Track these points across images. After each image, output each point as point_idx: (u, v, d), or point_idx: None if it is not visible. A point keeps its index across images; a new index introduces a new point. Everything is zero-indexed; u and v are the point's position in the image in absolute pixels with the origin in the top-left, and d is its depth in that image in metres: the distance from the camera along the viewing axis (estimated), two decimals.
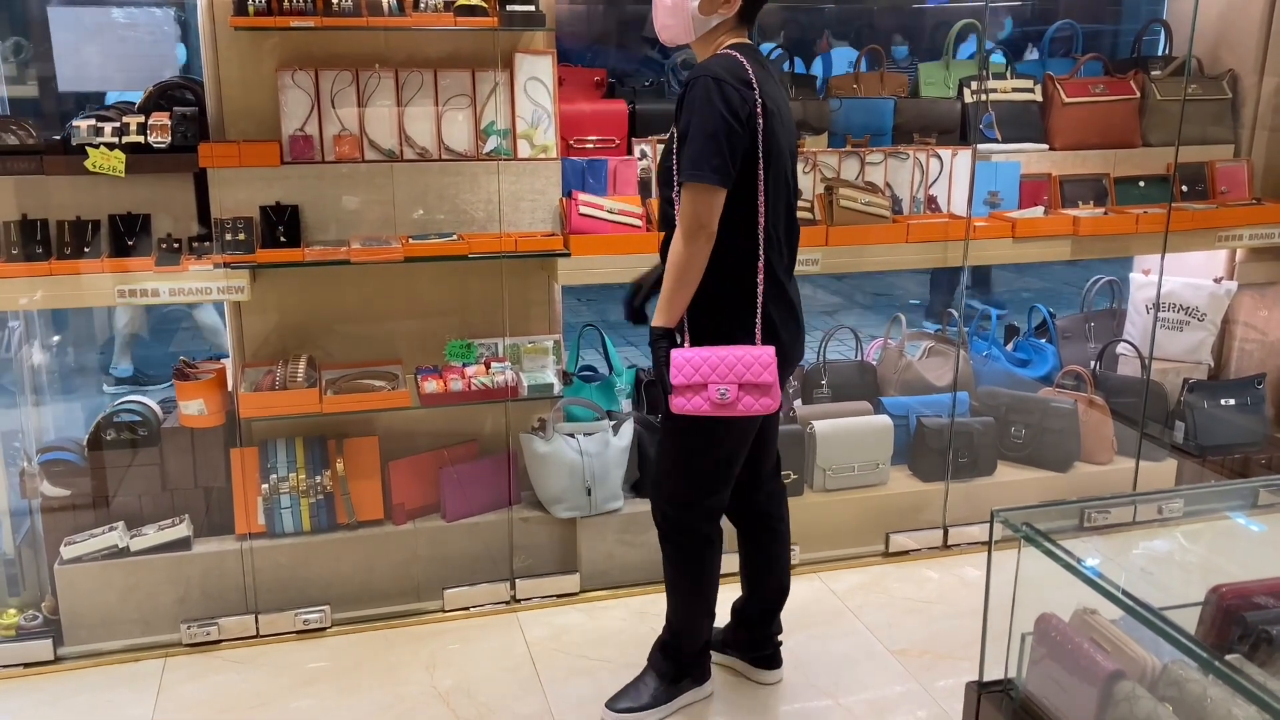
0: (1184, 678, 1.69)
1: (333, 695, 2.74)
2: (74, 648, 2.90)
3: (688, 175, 2.19)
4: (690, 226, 2.22)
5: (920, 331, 3.95)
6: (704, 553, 2.56)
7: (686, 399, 2.28)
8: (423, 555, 3.11)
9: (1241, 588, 1.86)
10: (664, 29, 2.36)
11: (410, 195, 3.02)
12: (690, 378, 2.27)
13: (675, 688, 2.64)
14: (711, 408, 2.28)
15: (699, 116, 2.18)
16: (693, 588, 2.58)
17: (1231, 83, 3.85)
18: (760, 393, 2.29)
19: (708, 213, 2.21)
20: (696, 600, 2.60)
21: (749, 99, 2.21)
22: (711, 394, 2.27)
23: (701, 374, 2.27)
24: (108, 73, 3.04)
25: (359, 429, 3.10)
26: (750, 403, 2.29)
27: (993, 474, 3.62)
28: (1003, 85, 3.70)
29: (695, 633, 2.64)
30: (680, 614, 2.62)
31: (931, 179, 3.56)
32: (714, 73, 2.20)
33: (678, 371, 2.27)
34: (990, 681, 2.01)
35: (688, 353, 2.29)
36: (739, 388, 2.27)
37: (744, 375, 2.27)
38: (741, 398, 2.28)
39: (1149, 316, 3.81)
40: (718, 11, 2.28)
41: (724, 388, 2.26)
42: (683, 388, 2.28)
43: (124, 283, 2.83)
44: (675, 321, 2.31)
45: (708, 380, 2.27)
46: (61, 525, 2.96)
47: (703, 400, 2.28)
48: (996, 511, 1.95)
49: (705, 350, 2.29)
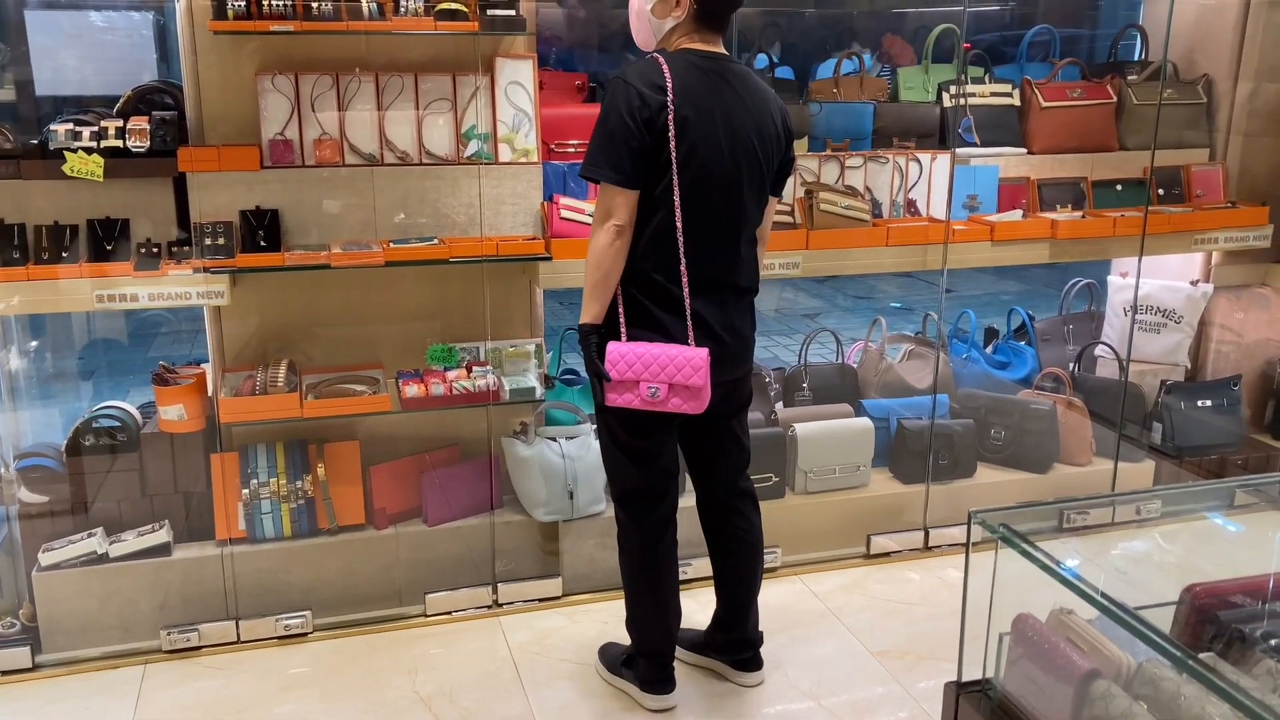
0: (1159, 676, 1.70)
1: (314, 701, 2.74)
2: (52, 655, 2.88)
3: (583, 170, 2.34)
4: (599, 218, 2.34)
5: (900, 334, 3.97)
6: (639, 555, 2.59)
7: (618, 394, 2.36)
8: (404, 560, 3.11)
9: (1215, 587, 1.88)
10: (636, 34, 2.44)
11: (391, 199, 3.02)
12: (624, 373, 2.34)
13: (619, 668, 2.72)
14: (641, 404, 2.35)
15: (602, 115, 2.30)
16: (636, 584, 2.63)
17: (1206, 87, 3.89)
18: (690, 395, 2.35)
19: (611, 207, 2.31)
20: (637, 601, 2.64)
21: (652, 103, 2.26)
22: (643, 391, 2.33)
23: (634, 370, 2.33)
24: (85, 76, 3.03)
25: (340, 433, 3.09)
26: (679, 403, 2.36)
27: (973, 476, 3.64)
28: (981, 90, 3.73)
29: (643, 634, 2.66)
30: (631, 610, 2.66)
31: (911, 183, 3.58)
32: (626, 75, 2.30)
33: (612, 366, 2.34)
34: (969, 682, 2.02)
35: (623, 348, 2.35)
36: (669, 387, 2.33)
37: (675, 376, 2.33)
38: (670, 398, 2.34)
39: (1127, 319, 3.84)
40: (670, 15, 2.34)
41: (655, 386, 2.33)
42: (615, 382, 2.34)
43: (103, 288, 2.81)
44: (597, 318, 2.38)
45: (640, 377, 2.33)
46: (40, 531, 2.94)
47: (633, 396, 2.35)
48: (974, 513, 1.97)
49: (640, 346, 2.35)
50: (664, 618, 2.64)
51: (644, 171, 2.30)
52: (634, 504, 2.56)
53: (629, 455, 2.52)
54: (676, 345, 2.36)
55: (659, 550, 2.59)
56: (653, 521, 2.57)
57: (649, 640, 2.66)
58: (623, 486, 2.57)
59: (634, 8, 2.41)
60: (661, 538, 2.58)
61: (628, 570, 2.64)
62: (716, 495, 2.69)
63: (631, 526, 2.58)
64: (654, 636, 2.66)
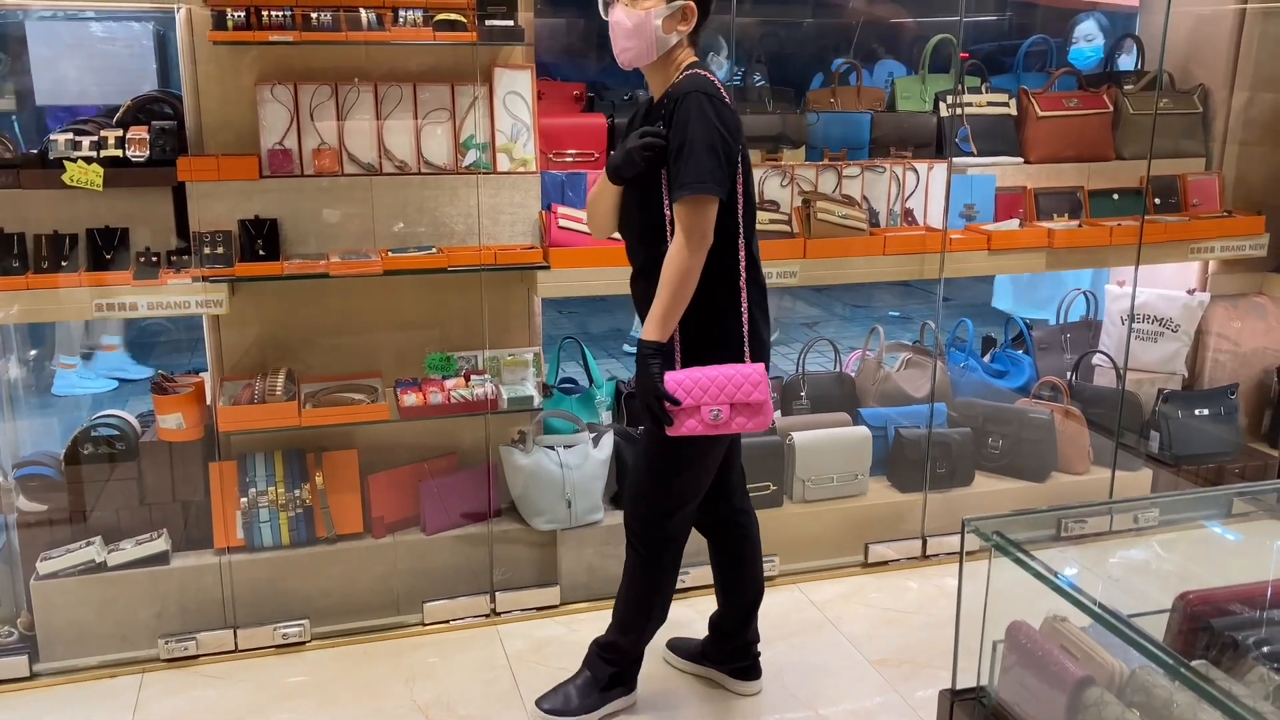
0: (1151, 684, 1.71)
1: (312, 710, 2.74)
2: (50, 664, 2.88)
3: (693, 189, 2.22)
4: (695, 237, 2.26)
5: (898, 343, 3.98)
6: (674, 559, 2.61)
7: (681, 422, 2.31)
8: (402, 569, 3.11)
9: (1209, 594, 1.88)
10: (624, 51, 2.35)
11: (390, 209, 3.03)
12: (683, 400, 2.29)
13: (605, 695, 2.68)
14: (705, 428, 2.30)
15: (698, 131, 2.23)
16: (656, 593, 2.62)
17: (1202, 97, 3.91)
18: (753, 412, 2.32)
19: (710, 223, 2.27)
20: (657, 606, 2.64)
21: (735, 115, 2.30)
22: (705, 415, 2.29)
23: (694, 396, 2.29)
24: (85, 86, 3.05)
25: (338, 442, 3.10)
26: (743, 422, 2.32)
27: (970, 484, 3.64)
28: (978, 99, 3.74)
29: (644, 639, 2.68)
30: (638, 621, 2.65)
31: (908, 192, 3.59)
32: (705, 89, 2.26)
33: (673, 394, 2.30)
34: (963, 689, 2.03)
35: (679, 375, 2.31)
36: (731, 408, 2.29)
37: (735, 395, 2.30)
38: (734, 418, 2.31)
39: (1124, 328, 3.85)
40: (678, 29, 2.32)
41: (717, 409, 2.28)
42: (675, 411, 2.30)
43: (102, 296, 2.83)
44: (668, 335, 2.32)
45: (700, 402, 2.29)
46: (38, 540, 2.94)
47: (696, 422, 2.30)
48: (968, 520, 1.97)
49: (696, 371, 2.31)
50: (665, 619, 2.69)
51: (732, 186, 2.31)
52: (684, 523, 2.57)
53: (694, 478, 2.50)
54: (732, 365, 2.34)
55: (682, 550, 2.64)
56: (690, 524, 2.61)
57: (641, 646, 2.68)
58: (681, 507, 2.53)
59: (633, 23, 2.31)
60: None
61: (659, 584, 2.61)
62: (732, 500, 2.70)
63: (676, 546, 2.58)
64: (647, 641, 2.69)
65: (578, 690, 2.66)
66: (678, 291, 2.27)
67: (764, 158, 3.51)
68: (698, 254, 2.26)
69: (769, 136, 3.58)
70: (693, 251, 2.26)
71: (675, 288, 2.27)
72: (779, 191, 3.44)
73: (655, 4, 2.28)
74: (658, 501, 2.53)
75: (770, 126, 3.59)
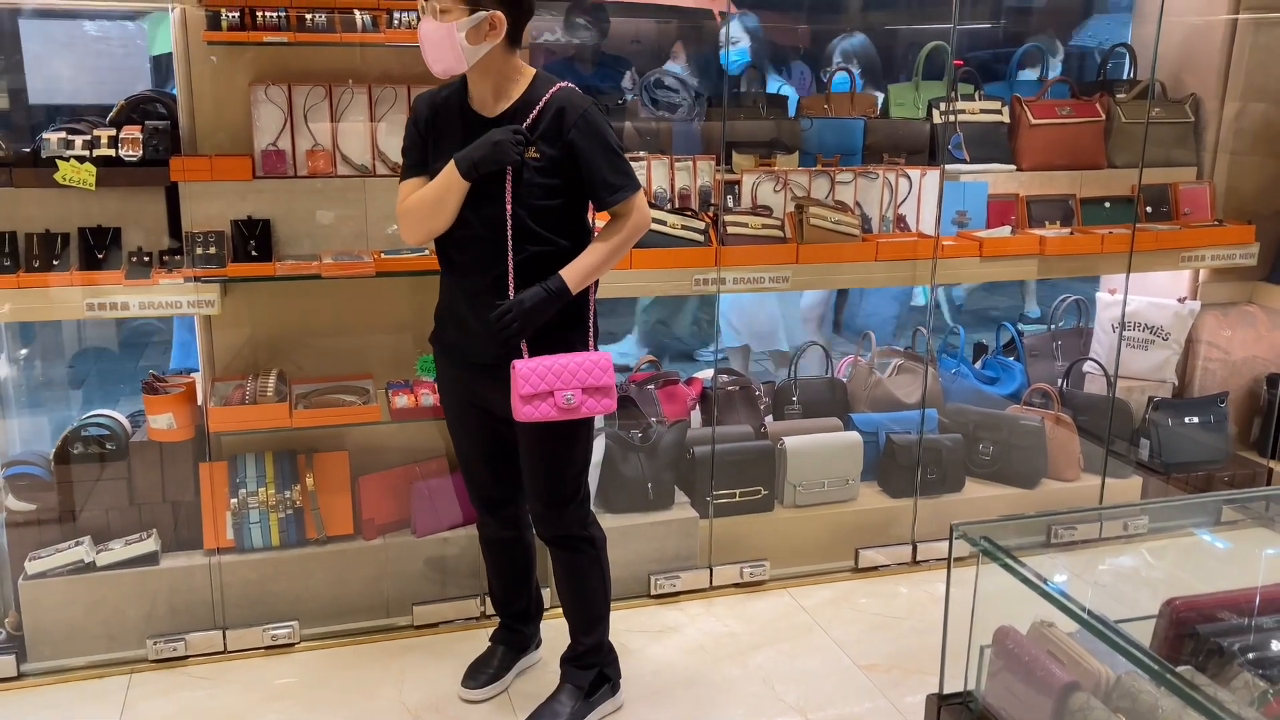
0: (1137, 689, 1.71)
1: (301, 711, 2.73)
2: (38, 664, 2.87)
3: (634, 187, 2.43)
4: (643, 226, 2.46)
5: (890, 349, 3.99)
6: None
7: (534, 407, 2.39)
8: (393, 570, 3.11)
9: (1195, 601, 1.89)
10: (435, 63, 2.35)
11: (383, 210, 3.03)
12: (537, 386, 2.38)
13: (589, 703, 2.69)
14: (559, 413, 2.40)
15: (611, 139, 2.40)
16: (608, 573, 2.71)
17: (1194, 106, 3.93)
18: (603, 394, 2.44)
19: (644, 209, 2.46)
20: (608, 603, 2.72)
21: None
22: (559, 400, 2.39)
23: (546, 382, 2.38)
24: (79, 85, 3.05)
25: (329, 444, 3.10)
26: (593, 405, 2.43)
27: (961, 490, 3.65)
28: (970, 106, 3.75)
29: (608, 631, 2.74)
30: (603, 609, 2.70)
31: (900, 198, 3.60)
32: (592, 103, 2.41)
33: (524, 382, 2.38)
34: (950, 694, 2.03)
35: (530, 363, 2.39)
36: (583, 391, 2.41)
37: (586, 380, 2.41)
38: (585, 401, 2.41)
39: (1115, 335, 3.87)
40: (485, 40, 2.31)
41: (569, 393, 2.39)
42: (529, 396, 2.38)
43: (93, 296, 2.82)
44: (575, 292, 2.41)
45: (553, 388, 2.39)
46: (27, 540, 2.93)
47: (549, 407, 2.39)
48: (956, 526, 1.98)
49: (546, 359, 2.41)
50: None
51: None
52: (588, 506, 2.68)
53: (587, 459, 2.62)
54: (581, 353, 2.46)
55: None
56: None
57: (608, 630, 2.75)
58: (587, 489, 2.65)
59: (438, 37, 2.29)
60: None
61: (607, 564, 2.69)
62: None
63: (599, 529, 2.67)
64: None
65: (563, 705, 2.66)
66: (609, 262, 2.43)
67: (757, 163, 3.52)
68: (637, 238, 2.47)
69: (762, 142, 3.59)
70: (636, 235, 2.46)
71: (609, 259, 2.43)
72: (772, 197, 3.45)
73: (458, 17, 2.27)
74: (583, 490, 2.61)
75: (764, 132, 3.60)
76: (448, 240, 2.46)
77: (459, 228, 2.42)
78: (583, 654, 2.69)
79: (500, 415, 2.51)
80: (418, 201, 2.43)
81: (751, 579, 3.37)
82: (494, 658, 2.85)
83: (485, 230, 2.39)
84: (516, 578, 2.84)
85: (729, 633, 3.12)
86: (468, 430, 2.65)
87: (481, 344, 2.46)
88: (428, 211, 2.41)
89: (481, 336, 2.44)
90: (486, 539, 2.79)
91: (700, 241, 3.25)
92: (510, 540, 2.77)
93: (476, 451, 2.66)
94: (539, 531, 2.65)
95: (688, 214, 3.28)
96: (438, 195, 2.39)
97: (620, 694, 2.75)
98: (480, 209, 2.39)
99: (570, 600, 2.67)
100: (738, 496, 3.39)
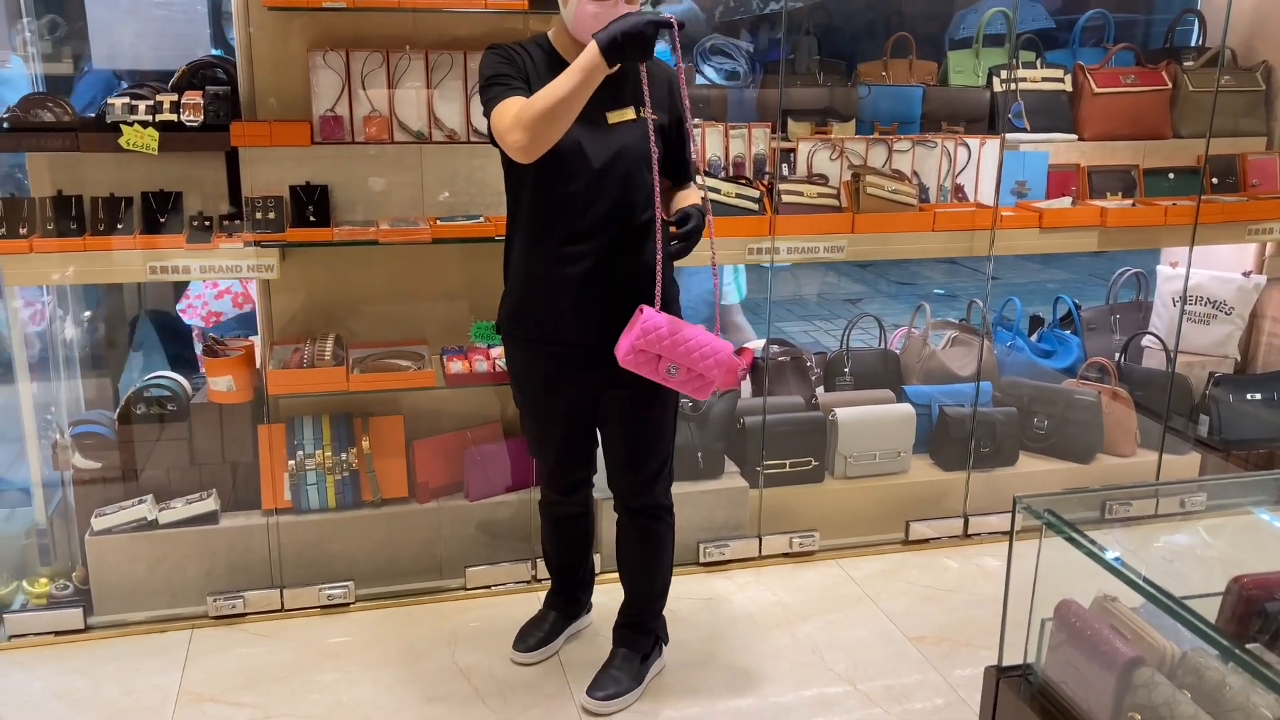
0: (1203, 665, 1.69)
1: (356, 669, 2.78)
2: (103, 617, 2.95)
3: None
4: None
5: (944, 321, 3.94)
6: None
7: (638, 358, 2.26)
8: (445, 534, 3.15)
9: (1264, 579, 1.86)
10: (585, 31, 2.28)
11: (438, 177, 3.04)
12: (653, 346, 2.25)
13: (646, 664, 2.71)
14: (657, 377, 2.29)
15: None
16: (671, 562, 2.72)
17: (1265, 75, 3.81)
18: (703, 382, 2.30)
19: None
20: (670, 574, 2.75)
21: None
22: (661, 369, 2.27)
23: (662, 348, 2.25)
24: (141, 51, 3.08)
25: (384, 408, 3.13)
26: (683, 383, 2.30)
27: (1014, 464, 3.61)
28: (1032, 75, 3.67)
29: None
30: (669, 579, 2.72)
31: (959, 168, 3.54)
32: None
33: (642, 335, 2.25)
34: (1009, 666, 2.02)
35: (661, 318, 2.27)
36: (687, 371, 2.28)
37: (699, 364, 2.27)
38: (687, 380, 2.29)
39: (1175, 309, 3.79)
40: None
41: (675, 366, 2.27)
42: (641, 351, 2.26)
43: (155, 259, 2.87)
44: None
45: (663, 354, 2.26)
46: (92, 497, 3.01)
47: (651, 370, 2.28)
48: (1019, 498, 1.96)
49: (678, 323, 2.27)
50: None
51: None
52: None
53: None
54: (714, 335, 2.37)
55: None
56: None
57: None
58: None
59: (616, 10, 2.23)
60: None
61: (672, 545, 2.67)
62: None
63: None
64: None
65: (622, 670, 2.68)
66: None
67: (813, 130, 3.47)
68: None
69: (817, 110, 3.54)
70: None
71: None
72: (828, 165, 3.41)
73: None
74: (671, 459, 2.60)
75: (819, 99, 3.55)
76: (565, 206, 2.36)
77: (587, 187, 2.33)
78: (646, 619, 2.71)
79: (588, 394, 2.49)
80: (548, 96, 2.15)
81: (801, 549, 3.36)
82: (545, 621, 2.88)
83: (619, 192, 2.34)
84: (581, 549, 2.85)
85: (778, 602, 3.13)
86: (553, 418, 2.58)
87: (586, 321, 2.39)
88: (560, 108, 2.15)
89: (587, 313, 2.37)
90: (556, 517, 2.77)
91: (755, 210, 3.23)
92: (579, 515, 2.77)
93: (562, 437, 2.59)
94: (626, 504, 2.59)
95: (742, 182, 3.25)
96: (572, 85, 2.14)
97: (665, 649, 2.78)
98: (615, 167, 2.33)
99: (644, 569, 2.66)
100: (788, 467, 3.39)
